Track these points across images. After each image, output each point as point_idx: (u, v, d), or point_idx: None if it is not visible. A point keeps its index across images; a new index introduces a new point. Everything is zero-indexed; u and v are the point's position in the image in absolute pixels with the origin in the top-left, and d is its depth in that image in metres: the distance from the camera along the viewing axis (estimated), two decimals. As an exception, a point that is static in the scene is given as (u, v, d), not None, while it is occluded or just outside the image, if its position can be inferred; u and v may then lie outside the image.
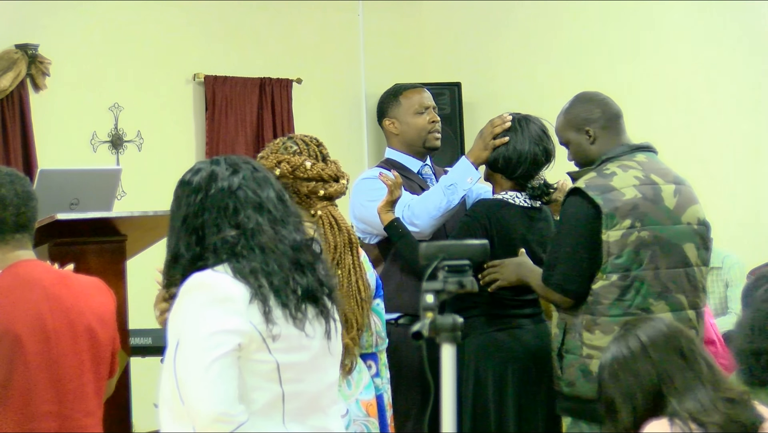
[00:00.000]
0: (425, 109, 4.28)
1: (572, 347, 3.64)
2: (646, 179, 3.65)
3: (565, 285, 3.62)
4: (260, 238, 2.45)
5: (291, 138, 3.27)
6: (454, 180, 4.06)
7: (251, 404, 2.39)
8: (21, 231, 2.99)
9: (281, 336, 2.41)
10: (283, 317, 2.42)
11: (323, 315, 2.52)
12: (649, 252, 3.58)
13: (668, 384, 2.67)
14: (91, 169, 5.32)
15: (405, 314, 4.12)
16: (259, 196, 2.50)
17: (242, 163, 2.56)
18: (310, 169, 3.17)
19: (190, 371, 2.35)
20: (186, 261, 2.47)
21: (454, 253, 2.16)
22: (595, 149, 3.74)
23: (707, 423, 2.60)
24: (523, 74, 7.65)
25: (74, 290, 3.05)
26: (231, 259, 2.43)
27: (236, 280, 2.40)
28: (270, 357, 2.40)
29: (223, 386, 2.34)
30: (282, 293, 2.42)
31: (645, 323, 2.81)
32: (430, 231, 4.07)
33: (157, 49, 6.96)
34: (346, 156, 7.64)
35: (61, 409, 2.95)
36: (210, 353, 2.34)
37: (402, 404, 4.07)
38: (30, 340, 2.91)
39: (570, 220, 3.64)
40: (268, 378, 2.41)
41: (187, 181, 2.54)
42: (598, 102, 3.79)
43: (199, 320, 2.37)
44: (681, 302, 3.63)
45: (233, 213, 2.47)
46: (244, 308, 2.38)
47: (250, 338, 2.38)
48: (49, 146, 6.35)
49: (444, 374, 2.09)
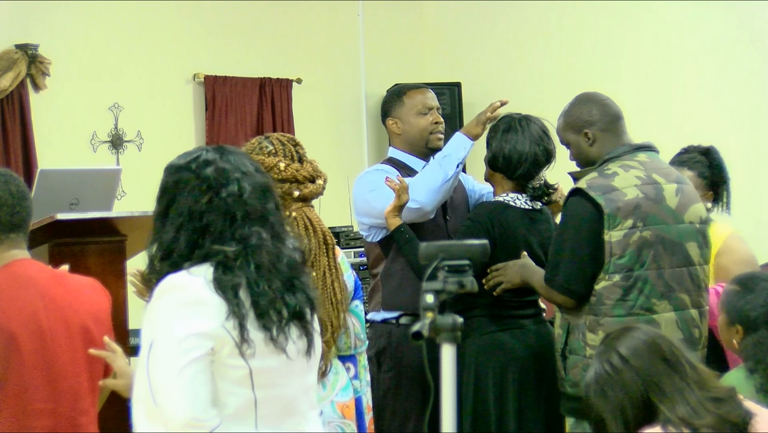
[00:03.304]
0: (428, 109, 4.27)
1: (576, 348, 3.64)
2: (647, 179, 3.65)
3: (568, 286, 3.62)
4: (260, 255, 2.41)
5: (267, 138, 3.25)
6: (448, 152, 4.09)
7: (223, 409, 2.37)
8: (16, 231, 2.99)
9: (256, 343, 2.38)
10: (263, 338, 2.39)
11: (306, 332, 2.49)
12: (652, 252, 3.58)
13: (656, 391, 2.65)
14: (91, 169, 5.32)
15: (405, 314, 4.13)
16: (265, 207, 2.46)
17: (249, 163, 2.50)
18: (284, 170, 3.15)
19: (163, 375, 2.33)
20: (178, 257, 2.41)
21: (454, 253, 2.15)
22: (594, 151, 3.74)
23: (699, 426, 2.59)
24: (523, 74, 7.64)
25: (69, 289, 3.05)
26: (219, 267, 2.38)
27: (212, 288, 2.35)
28: (243, 363, 2.37)
29: (195, 391, 2.32)
30: (265, 316, 2.39)
31: (623, 335, 2.77)
32: (431, 208, 4.07)
33: (157, 49, 6.96)
34: (346, 156, 7.69)
35: (56, 407, 2.95)
36: (182, 357, 2.31)
37: (402, 404, 4.07)
38: (25, 339, 2.91)
39: (572, 220, 3.64)
40: (240, 383, 2.38)
41: (193, 170, 2.46)
42: (598, 103, 3.78)
43: (172, 323, 2.34)
44: (684, 301, 3.63)
45: (239, 224, 2.41)
46: (216, 312, 2.35)
47: (222, 342, 2.35)
48: (49, 146, 6.35)
49: (444, 375, 2.09)
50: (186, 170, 2.47)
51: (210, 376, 2.35)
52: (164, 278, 2.40)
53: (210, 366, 2.35)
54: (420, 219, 4.09)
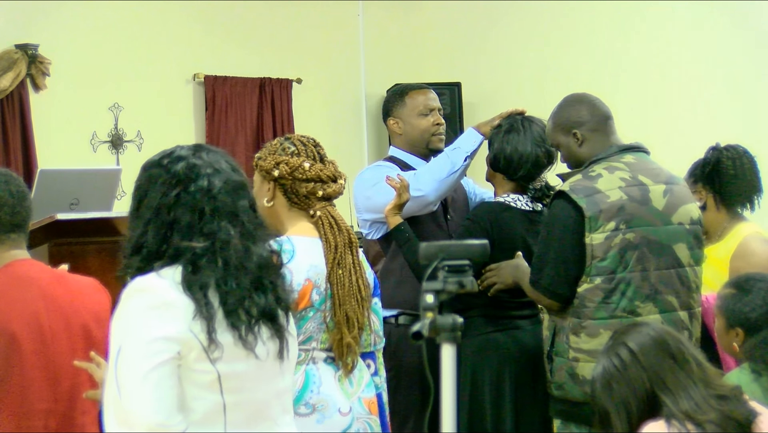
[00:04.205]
0: (430, 110, 4.28)
1: (561, 350, 3.63)
2: (633, 180, 3.63)
3: (552, 288, 3.62)
4: (228, 252, 2.38)
5: (288, 139, 3.26)
6: (458, 144, 4.11)
7: (191, 414, 2.34)
8: (16, 231, 3.00)
9: (224, 346, 2.35)
10: (232, 339, 2.36)
11: (278, 334, 2.46)
12: (636, 253, 3.56)
13: (661, 386, 2.67)
14: (91, 170, 5.32)
15: (403, 312, 4.13)
16: (235, 204, 2.43)
17: (223, 162, 2.48)
18: (309, 170, 3.16)
19: (129, 379, 2.30)
20: (147, 253, 2.39)
21: (453, 253, 2.15)
22: (584, 152, 3.72)
23: (703, 422, 2.61)
24: (523, 74, 7.65)
25: (70, 289, 3.05)
26: (187, 266, 2.35)
27: (180, 289, 2.34)
28: (211, 367, 2.34)
29: (161, 395, 2.29)
30: (234, 315, 2.36)
31: (632, 330, 2.79)
32: (434, 198, 4.07)
33: (157, 49, 6.96)
34: (346, 156, 7.66)
35: (57, 407, 2.95)
36: (148, 361, 2.29)
37: (402, 404, 4.07)
38: (26, 338, 2.91)
39: (555, 223, 3.63)
40: (208, 388, 2.35)
41: (164, 165, 2.44)
42: (586, 104, 3.76)
43: (139, 326, 2.32)
44: (671, 303, 3.60)
45: (208, 219, 2.39)
46: (184, 314, 2.32)
47: (189, 346, 2.32)
48: (49, 146, 6.35)
49: (444, 375, 2.08)
50: (158, 166, 2.46)
51: (176, 380, 2.32)
52: (133, 279, 2.38)
53: (177, 370, 2.32)
54: (422, 210, 4.08)
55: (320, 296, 3.10)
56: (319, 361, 3.12)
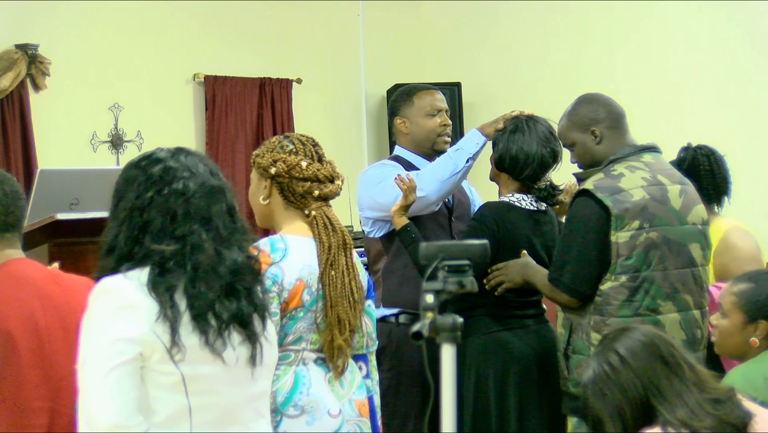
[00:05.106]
0: (437, 111, 4.28)
1: (580, 348, 3.64)
2: (653, 180, 3.66)
3: (574, 286, 3.63)
4: (198, 256, 2.37)
5: (287, 137, 3.25)
6: (461, 145, 4.10)
7: (153, 415, 2.34)
8: (10, 230, 3.00)
9: (188, 348, 2.34)
10: (198, 342, 2.36)
11: (251, 339, 2.45)
12: (659, 253, 3.59)
13: (655, 393, 2.64)
14: (91, 169, 5.32)
15: (404, 312, 4.13)
16: (209, 209, 2.42)
17: (201, 166, 2.47)
18: (306, 169, 3.15)
19: (90, 379, 2.31)
20: (119, 255, 2.40)
21: (454, 253, 2.15)
22: (601, 149, 3.74)
23: (699, 428, 2.59)
24: (524, 74, 7.65)
25: (66, 288, 3.06)
26: (155, 268, 2.35)
27: (145, 291, 2.34)
28: (174, 369, 2.34)
29: (120, 396, 2.29)
30: (201, 319, 2.36)
31: (621, 335, 2.76)
32: (436, 198, 4.07)
33: (157, 49, 6.96)
34: (346, 156, 7.67)
35: (53, 405, 2.95)
36: (108, 362, 2.29)
37: (402, 404, 4.07)
38: (22, 337, 2.92)
39: (579, 221, 3.64)
40: (172, 390, 2.35)
41: (142, 167, 2.45)
42: (602, 102, 3.79)
43: (101, 327, 2.32)
44: (688, 302, 3.63)
45: (180, 222, 2.39)
46: (147, 316, 2.32)
47: (152, 348, 2.32)
48: (49, 146, 6.35)
49: (444, 375, 2.08)
50: (136, 168, 2.46)
51: (137, 381, 2.32)
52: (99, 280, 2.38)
53: (138, 372, 2.32)
54: (423, 210, 4.08)
55: (311, 296, 3.09)
56: (310, 362, 3.11)
